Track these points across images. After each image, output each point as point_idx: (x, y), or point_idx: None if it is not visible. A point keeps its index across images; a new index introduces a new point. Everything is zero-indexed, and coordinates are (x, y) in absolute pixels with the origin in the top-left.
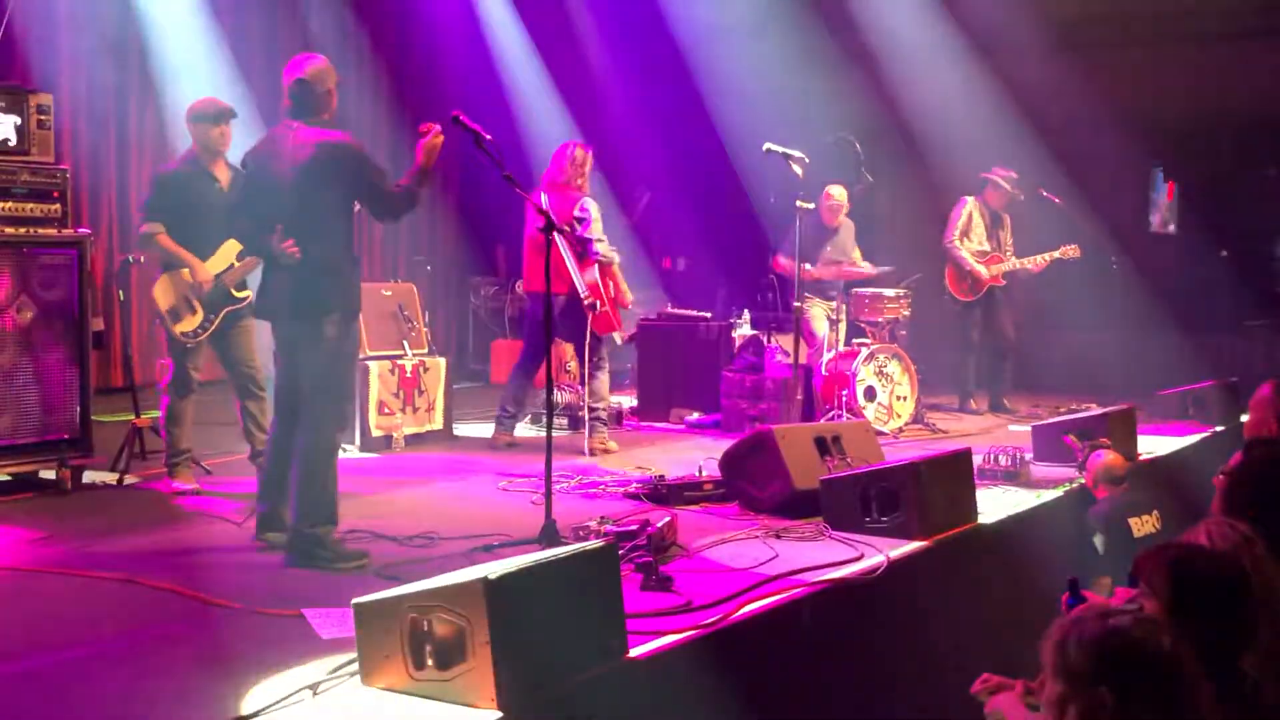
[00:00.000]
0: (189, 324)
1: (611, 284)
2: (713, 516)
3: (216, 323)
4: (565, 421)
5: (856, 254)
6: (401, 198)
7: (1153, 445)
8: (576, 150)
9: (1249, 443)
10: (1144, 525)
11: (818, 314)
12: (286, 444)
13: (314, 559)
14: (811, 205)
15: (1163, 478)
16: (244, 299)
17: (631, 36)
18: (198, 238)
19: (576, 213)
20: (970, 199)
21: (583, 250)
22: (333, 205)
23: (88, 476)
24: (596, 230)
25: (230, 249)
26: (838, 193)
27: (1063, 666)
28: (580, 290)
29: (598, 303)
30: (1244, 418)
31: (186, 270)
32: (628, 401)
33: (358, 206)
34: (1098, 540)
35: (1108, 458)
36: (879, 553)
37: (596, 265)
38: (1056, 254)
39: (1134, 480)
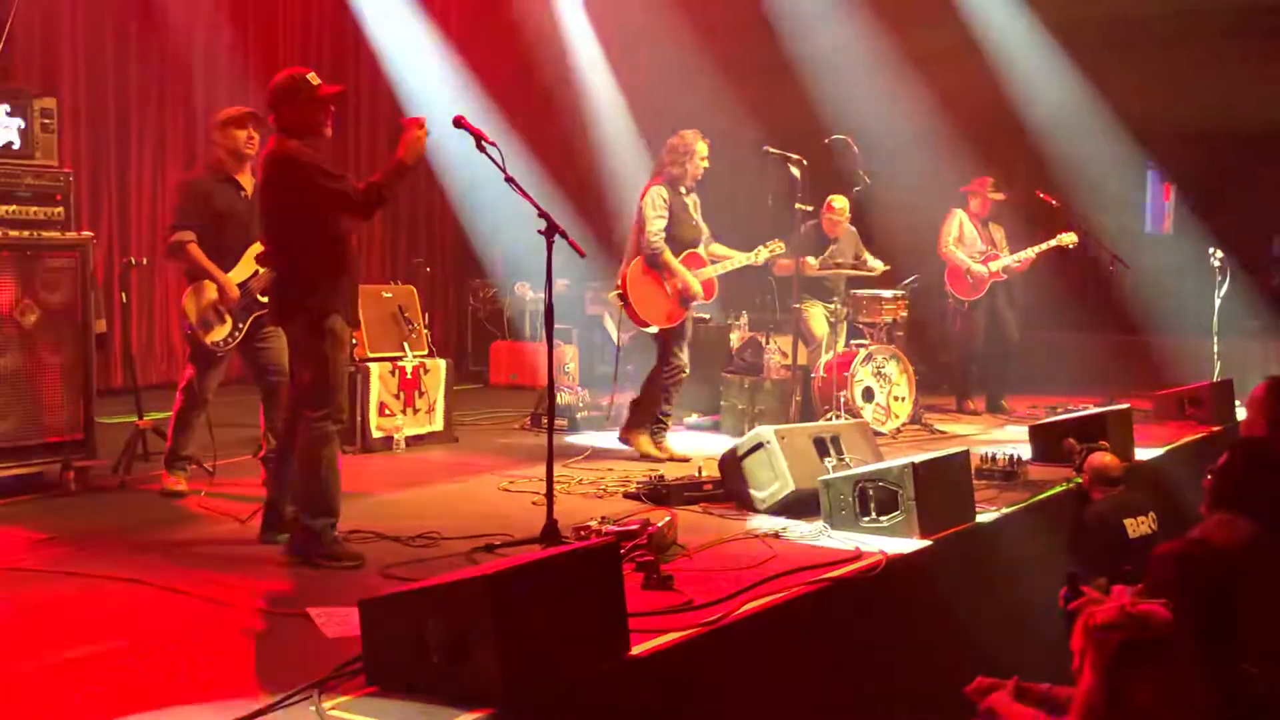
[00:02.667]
0: (219, 333)
1: (668, 280)
2: (713, 516)
3: (245, 329)
4: (565, 422)
5: (867, 256)
6: (366, 196)
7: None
8: (677, 136)
9: (1233, 443)
10: (1139, 526)
11: (816, 315)
12: (291, 441)
13: (308, 553)
14: (810, 207)
15: (1159, 477)
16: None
17: (628, 36)
18: (224, 245)
19: (640, 200)
20: (958, 212)
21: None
22: (291, 216)
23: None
24: (647, 221)
25: (253, 255)
26: (839, 203)
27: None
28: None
29: (619, 294)
30: (1241, 417)
31: (212, 285)
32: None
33: None
34: None
35: (1104, 459)
36: (877, 552)
37: (641, 257)
38: (1053, 242)
39: (1130, 481)
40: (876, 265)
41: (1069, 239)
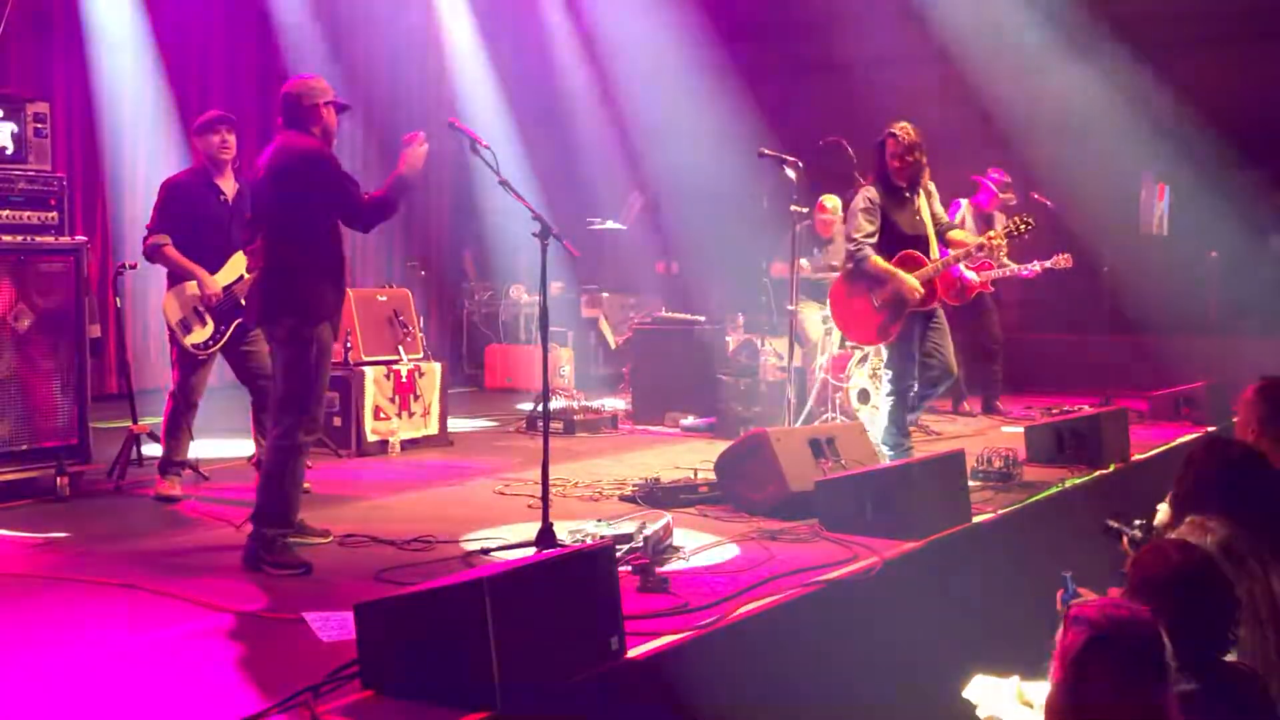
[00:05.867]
0: (200, 335)
1: (875, 291)
2: (708, 518)
3: (228, 334)
4: (560, 426)
5: None
6: (371, 207)
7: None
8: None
9: (1194, 445)
10: None
11: (811, 317)
12: None
13: (257, 561)
14: (805, 209)
15: (1154, 478)
16: None
17: (625, 41)
18: (203, 249)
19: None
20: (964, 202)
21: None
22: (293, 210)
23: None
24: (852, 226)
25: (240, 260)
26: (831, 204)
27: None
28: None
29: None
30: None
31: (193, 283)
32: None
33: None
34: None
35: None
36: (873, 554)
37: (844, 271)
38: (1048, 263)
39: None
40: None
41: (1064, 261)
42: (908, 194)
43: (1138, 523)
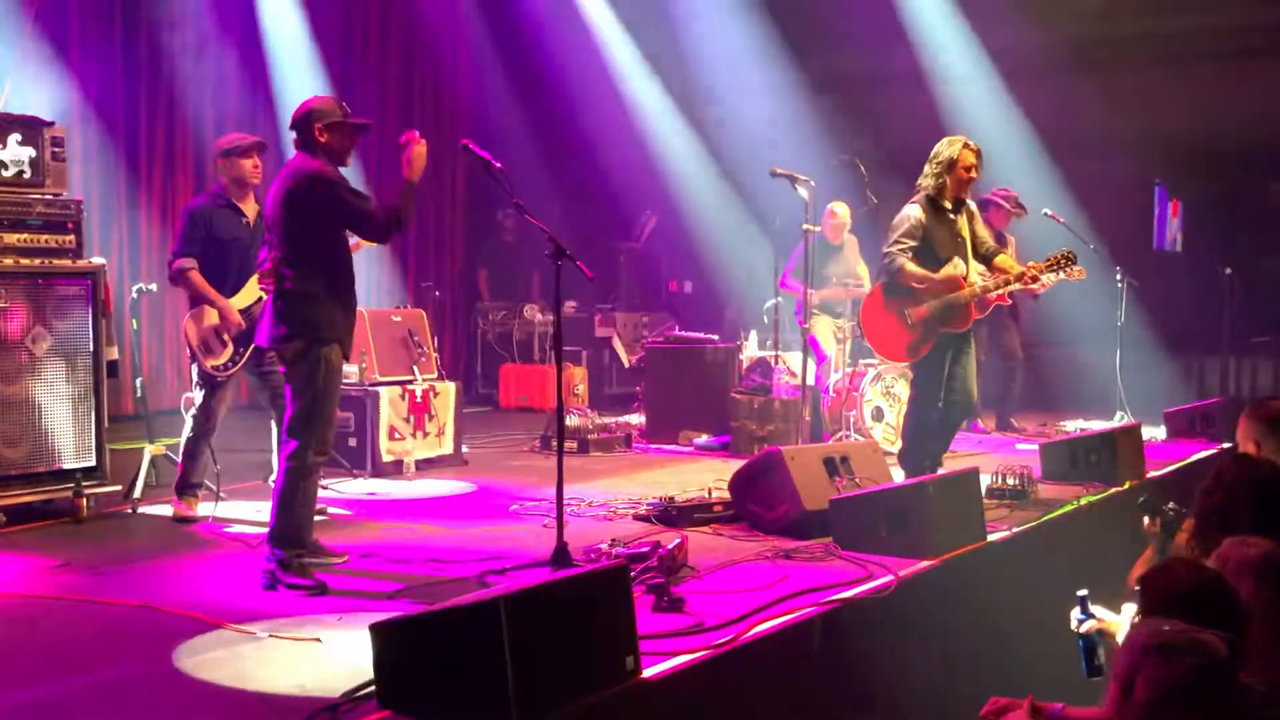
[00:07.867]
0: (220, 358)
1: (909, 308)
2: (723, 538)
3: (246, 356)
4: (575, 445)
5: (862, 269)
6: (386, 218)
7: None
8: (941, 143)
9: (1222, 462)
10: None
11: (824, 329)
12: None
13: (274, 581)
14: (817, 228)
15: (1169, 495)
16: None
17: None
18: (224, 272)
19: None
20: None
21: None
22: (301, 232)
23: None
24: (890, 239)
25: (256, 281)
26: (841, 210)
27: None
28: None
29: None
30: None
31: (213, 310)
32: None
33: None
34: None
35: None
36: (888, 572)
37: (881, 284)
38: (1061, 275)
39: None
40: (868, 285)
41: (1078, 273)
42: (952, 214)
43: (1170, 506)
